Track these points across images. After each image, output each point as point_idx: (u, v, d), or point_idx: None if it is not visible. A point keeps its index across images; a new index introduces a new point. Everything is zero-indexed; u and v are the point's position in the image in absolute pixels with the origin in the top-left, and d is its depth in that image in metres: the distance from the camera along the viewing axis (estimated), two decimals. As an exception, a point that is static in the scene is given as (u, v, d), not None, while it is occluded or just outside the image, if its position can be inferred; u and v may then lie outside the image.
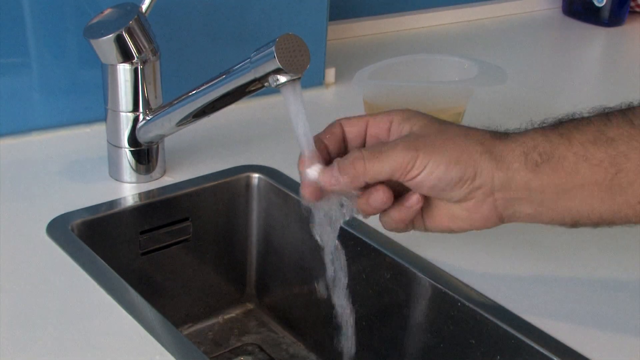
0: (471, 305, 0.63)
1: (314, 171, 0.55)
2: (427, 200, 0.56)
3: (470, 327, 0.64)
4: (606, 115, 0.51)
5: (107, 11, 0.75)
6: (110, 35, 0.72)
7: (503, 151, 0.52)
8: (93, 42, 0.73)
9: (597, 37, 1.51)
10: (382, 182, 0.54)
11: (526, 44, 1.44)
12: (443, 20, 1.48)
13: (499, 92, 1.08)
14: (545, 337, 0.60)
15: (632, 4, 1.57)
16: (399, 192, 0.56)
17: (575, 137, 0.51)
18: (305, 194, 0.56)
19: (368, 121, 0.57)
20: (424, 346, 0.69)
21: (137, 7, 0.73)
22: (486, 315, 0.62)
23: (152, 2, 0.74)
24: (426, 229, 0.58)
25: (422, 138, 0.53)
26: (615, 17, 1.52)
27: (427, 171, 0.52)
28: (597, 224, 0.53)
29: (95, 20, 0.75)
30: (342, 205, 0.57)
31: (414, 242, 0.71)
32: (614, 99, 0.56)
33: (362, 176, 0.53)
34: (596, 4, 1.52)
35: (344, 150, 0.58)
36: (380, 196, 0.54)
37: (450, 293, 0.65)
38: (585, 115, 0.53)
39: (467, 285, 0.66)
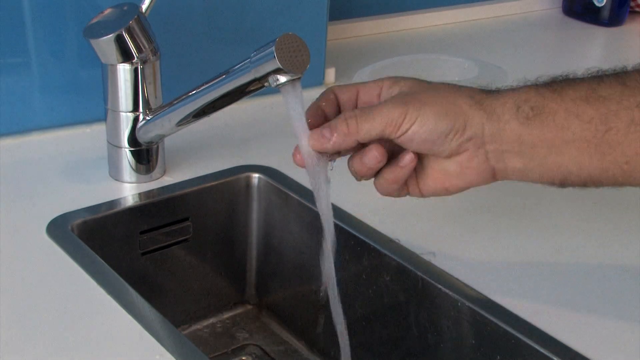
0: (471, 305, 0.63)
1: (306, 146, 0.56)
2: (419, 162, 0.56)
3: (470, 327, 0.64)
4: (599, 76, 0.52)
5: (107, 11, 0.75)
6: (110, 35, 0.72)
7: (494, 104, 0.53)
8: (93, 42, 0.73)
9: (597, 37, 1.51)
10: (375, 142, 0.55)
11: (526, 44, 1.44)
12: (443, 20, 1.48)
13: (499, 92, 1.08)
14: (545, 337, 0.60)
15: (632, 4, 1.57)
16: (392, 153, 0.56)
17: (567, 94, 0.52)
18: (296, 157, 0.57)
19: (359, 88, 0.58)
20: (424, 346, 0.69)
21: (137, 7, 0.73)
22: (486, 315, 0.62)
23: (152, 2, 0.74)
24: (421, 193, 0.58)
25: (411, 94, 0.54)
26: (615, 17, 1.52)
27: (417, 124, 0.53)
28: (585, 183, 0.53)
29: (95, 20, 0.75)
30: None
31: (414, 242, 0.71)
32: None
33: (354, 134, 0.54)
34: (596, 4, 1.52)
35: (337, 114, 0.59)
36: (374, 154, 0.55)
37: (450, 293, 0.65)
38: (579, 76, 0.54)
39: (467, 285, 0.66)
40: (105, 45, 0.72)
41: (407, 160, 0.56)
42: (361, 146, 0.56)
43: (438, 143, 0.53)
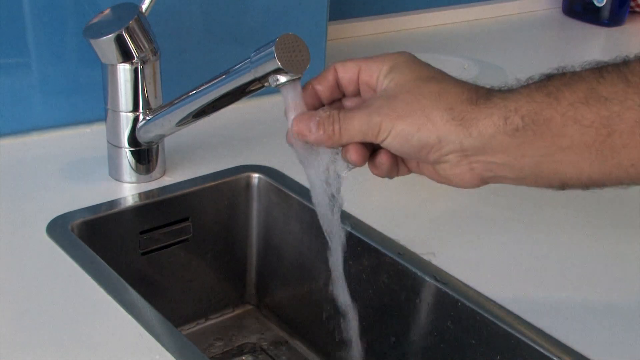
0: (471, 305, 0.63)
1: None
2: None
3: (470, 327, 0.64)
4: (599, 71, 0.48)
5: (107, 11, 0.75)
6: (110, 35, 0.72)
7: (477, 117, 0.50)
8: (93, 42, 0.73)
9: (597, 37, 1.51)
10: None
11: (526, 44, 1.44)
12: (443, 20, 1.48)
13: (499, 92, 1.08)
14: (545, 337, 0.60)
15: (632, 4, 1.57)
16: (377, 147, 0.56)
17: (564, 96, 0.47)
18: (288, 137, 0.57)
19: (360, 67, 0.56)
20: (424, 346, 0.69)
21: (137, 7, 0.73)
22: (486, 315, 0.62)
23: (152, 2, 0.74)
24: (414, 172, 0.58)
25: (390, 101, 0.53)
26: (615, 17, 1.52)
27: (391, 137, 0.52)
28: (587, 186, 0.50)
29: (95, 20, 0.75)
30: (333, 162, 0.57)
31: (414, 242, 0.71)
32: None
33: (337, 138, 0.54)
34: (596, 4, 1.52)
35: (339, 95, 0.58)
36: (352, 156, 0.55)
37: (450, 293, 0.65)
38: (578, 69, 0.49)
39: (467, 285, 0.66)
40: (105, 45, 0.72)
41: (380, 161, 0.56)
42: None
43: (414, 154, 0.53)
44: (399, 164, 0.57)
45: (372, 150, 0.56)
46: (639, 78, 0.46)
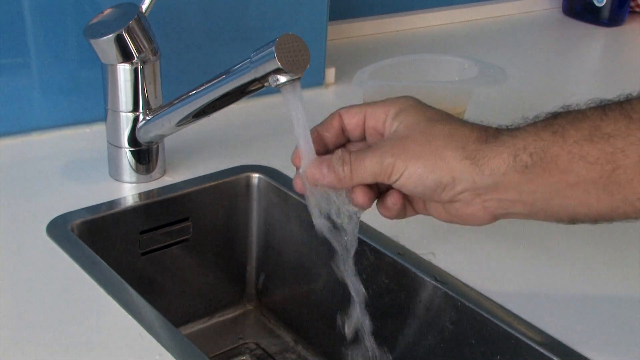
0: (471, 305, 0.64)
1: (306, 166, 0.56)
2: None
3: (470, 327, 0.64)
4: (602, 109, 0.49)
5: (107, 11, 0.75)
6: (110, 35, 0.72)
7: (488, 155, 0.51)
8: (93, 42, 0.73)
9: (597, 37, 1.51)
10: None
11: (526, 44, 1.44)
12: (443, 20, 1.48)
13: (499, 92, 1.08)
14: (545, 337, 0.60)
15: (632, 4, 1.57)
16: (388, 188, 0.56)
17: (569, 134, 0.49)
18: (297, 185, 0.57)
19: (366, 112, 0.57)
20: (424, 346, 0.69)
21: (137, 7, 0.74)
22: (486, 315, 0.62)
23: (152, 2, 0.74)
24: (420, 213, 0.59)
25: (402, 142, 0.53)
26: (615, 17, 1.52)
27: (404, 177, 0.52)
28: (595, 220, 0.52)
29: (95, 20, 0.75)
30: (334, 203, 0.57)
31: (415, 242, 0.71)
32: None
33: (348, 179, 0.54)
34: (596, 4, 1.52)
35: (344, 140, 0.58)
36: (359, 198, 0.55)
37: (450, 293, 0.65)
38: (582, 107, 0.51)
39: (467, 285, 0.66)
40: (105, 45, 0.72)
41: (391, 202, 0.56)
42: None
43: (428, 193, 0.53)
44: (406, 205, 0.57)
45: (378, 192, 0.56)
46: None
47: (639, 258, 0.71)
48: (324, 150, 0.58)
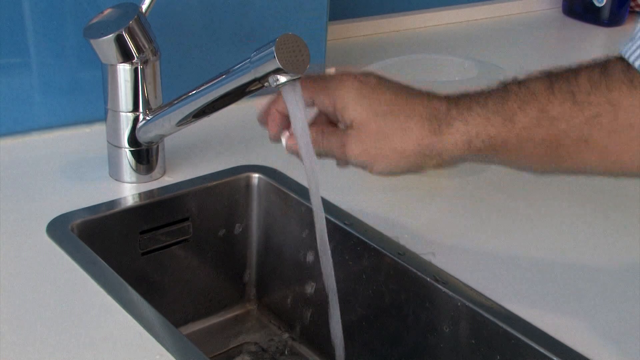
0: (471, 305, 0.63)
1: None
2: None
3: (470, 327, 0.64)
4: (551, 87, 0.52)
5: (107, 11, 0.75)
6: (110, 36, 0.72)
7: (445, 146, 0.55)
8: (93, 42, 0.73)
9: (597, 37, 1.51)
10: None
11: (526, 44, 1.44)
12: (443, 20, 1.48)
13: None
14: (545, 337, 0.60)
15: (632, 4, 1.57)
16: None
17: (518, 120, 0.53)
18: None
19: (314, 100, 0.59)
20: (424, 346, 0.69)
21: (137, 7, 0.73)
22: (486, 315, 0.62)
23: (152, 2, 0.74)
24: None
25: (361, 141, 0.57)
26: (615, 17, 1.52)
27: (376, 170, 0.58)
28: (542, 174, 0.59)
29: (95, 20, 0.75)
30: None
31: (414, 242, 0.71)
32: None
33: (339, 157, 0.59)
34: (596, 4, 1.52)
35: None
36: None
37: (451, 293, 0.65)
38: (532, 79, 0.54)
39: (467, 286, 0.66)
40: (105, 45, 0.72)
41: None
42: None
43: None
44: None
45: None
46: (584, 97, 0.51)
47: (639, 258, 0.71)
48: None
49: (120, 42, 0.72)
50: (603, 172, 0.54)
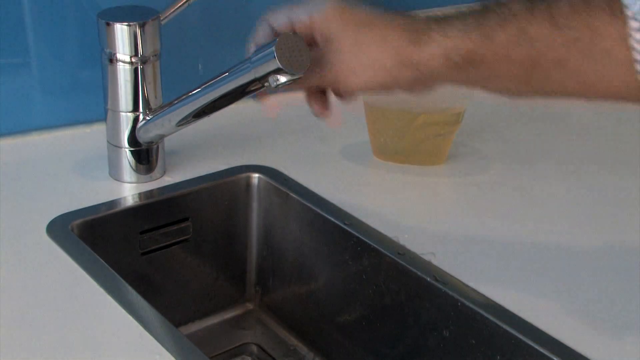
0: (471, 305, 0.63)
1: None
2: None
3: (470, 327, 0.64)
4: (532, 11, 0.52)
5: (127, 6, 0.75)
6: (124, 24, 0.72)
7: (422, 58, 0.55)
8: (105, 26, 0.72)
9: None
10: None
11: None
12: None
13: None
14: (545, 337, 0.60)
15: (632, 4, 1.57)
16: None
17: (497, 37, 0.53)
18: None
19: (293, 25, 0.60)
20: (424, 346, 0.69)
21: (158, 13, 0.74)
22: (486, 315, 0.62)
23: (171, 14, 0.75)
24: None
25: (342, 54, 0.57)
26: (615, 17, 1.52)
27: (351, 83, 0.58)
28: (518, 97, 0.58)
29: (113, 8, 0.75)
30: None
31: (414, 242, 0.71)
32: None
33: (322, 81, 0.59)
34: (596, 4, 1.52)
35: None
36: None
37: (450, 293, 0.65)
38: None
39: (467, 286, 0.66)
40: (118, 32, 0.72)
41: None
42: None
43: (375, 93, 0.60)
44: None
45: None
46: (564, 20, 0.51)
47: (639, 259, 0.71)
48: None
49: (129, 34, 0.72)
50: (578, 96, 0.54)
